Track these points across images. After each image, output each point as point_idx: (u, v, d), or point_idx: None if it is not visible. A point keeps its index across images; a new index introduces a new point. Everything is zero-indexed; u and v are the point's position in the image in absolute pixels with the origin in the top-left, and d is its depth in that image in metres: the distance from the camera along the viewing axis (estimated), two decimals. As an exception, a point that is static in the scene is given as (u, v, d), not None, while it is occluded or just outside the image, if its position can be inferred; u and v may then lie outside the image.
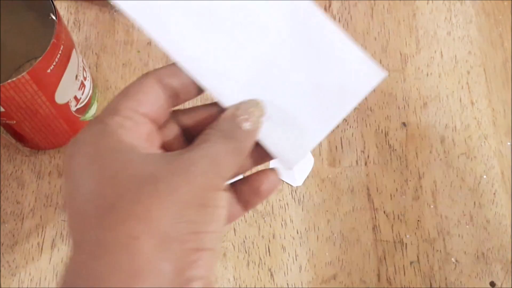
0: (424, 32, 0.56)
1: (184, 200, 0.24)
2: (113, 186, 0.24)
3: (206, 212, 0.25)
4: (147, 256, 0.23)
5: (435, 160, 0.50)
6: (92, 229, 0.24)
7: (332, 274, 0.46)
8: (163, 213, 0.24)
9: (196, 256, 0.24)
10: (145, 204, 0.24)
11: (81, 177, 0.25)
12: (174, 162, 0.25)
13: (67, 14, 0.56)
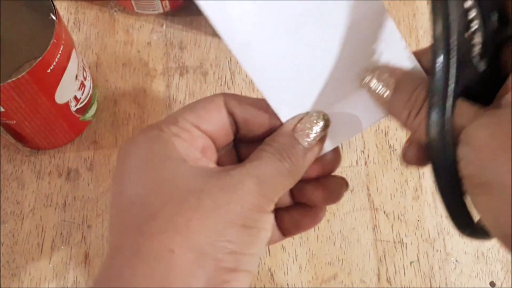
0: (424, 32, 0.56)
1: (227, 218, 0.24)
2: (158, 194, 0.24)
3: (249, 234, 0.24)
4: (180, 270, 0.23)
5: (435, 160, 0.50)
6: (131, 235, 0.24)
7: (332, 274, 0.46)
8: (203, 229, 0.23)
9: (231, 277, 0.24)
10: (185, 217, 0.23)
11: (129, 179, 0.25)
12: (222, 177, 0.25)
13: (67, 14, 0.56)
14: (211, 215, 0.24)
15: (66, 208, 0.48)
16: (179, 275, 0.23)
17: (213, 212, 0.24)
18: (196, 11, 0.56)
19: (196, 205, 0.24)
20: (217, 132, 0.27)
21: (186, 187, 0.24)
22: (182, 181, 0.24)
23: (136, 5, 0.54)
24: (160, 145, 0.25)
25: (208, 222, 0.24)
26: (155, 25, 0.55)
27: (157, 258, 0.23)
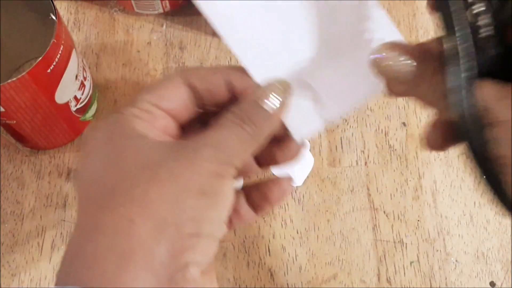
0: (424, 32, 0.56)
1: (184, 186, 0.24)
2: (117, 171, 0.25)
3: (208, 199, 0.25)
4: (141, 238, 0.23)
5: (435, 160, 0.50)
6: (92, 212, 0.25)
7: (332, 274, 0.46)
8: (160, 198, 0.24)
9: (193, 242, 0.24)
10: (142, 188, 0.24)
11: (90, 161, 0.26)
12: (179, 149, 0.25)
13: (67, 14, 0.56)
14: (167, 185, 0.24)
15: (66, 208, 0.48)
16: (140, 243, 0.23)
17: (169, 181, 0.24)
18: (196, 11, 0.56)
19: (152, 177, 0.24)
20: (178, 108, 0.28)
21: (143, 162, 0.25)
22: (139, 157, 0.25)
23: (136, 5, 0.54)
24: (119, 126, 0.26)
25: (164, 191, 0.24)
26: (155, 25, 0.55)
27: (117, 230, 0.23)
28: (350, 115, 0.52)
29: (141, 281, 0.23)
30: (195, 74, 0.28)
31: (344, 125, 0.52)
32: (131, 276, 0.23)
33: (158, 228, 0.24)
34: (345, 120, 0.52)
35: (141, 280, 0.23)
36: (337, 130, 0.51)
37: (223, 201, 0.25)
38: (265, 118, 0.27)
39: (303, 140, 0.29)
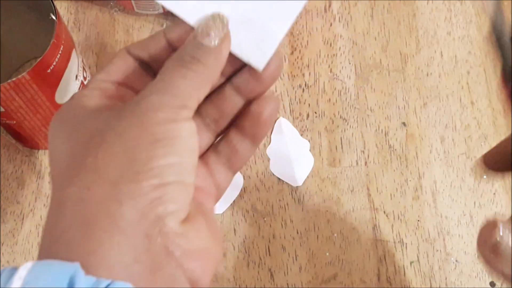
0: (424, 32, 0.56)
1: (132, 140, 0.24)
2: (71, 147, 0.25)
3: (162, 145, 0.24)
4: (100, 203, 0.23)
5: (435, 160, 0.50)
6: (56, 190, 0.25)
7: (332, 274, 0.46)
8: (112, 159, 0.24)
9: (159, 192, 0.23)
10: (93, 155, 0.24)
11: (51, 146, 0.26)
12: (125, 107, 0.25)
13: (67, 14, 0.56)
14: (115, 145, 0.24)
15: (66, 208, 0.48)
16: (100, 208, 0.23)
17: (117, 141, 0.24)
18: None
19: (100, 142, 0.24)
20: (129, 78, 0.29)
21: (92, 132, 0.25)
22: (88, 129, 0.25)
23: (136, 5, 0.54)
24: (70, 108, 0.27)
25: (115, 151, 0.24)
26: (155, 25, 0.55)
27: (75, 201, 0.23)
28: (349, 116, 0.52)
29: (108, 244, 0.22)
30: (136, 44, 0.29)
31: (344, 125, 0.52)
32: (97, 241, 0.22)
33: (115, 189, 0.23)
34: (345, 120, 0.52)
35: (108, 243, 0.22)
36: (337, 130, 0.51)
37: (181, 145, 0.25)
38: (208, 53, 0.26)
39: (263, 65, 0.29)
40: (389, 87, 0.53)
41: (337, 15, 0.56)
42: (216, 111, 0.30)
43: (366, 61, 0.54)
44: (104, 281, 0.21)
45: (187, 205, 0.25)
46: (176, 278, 0.23)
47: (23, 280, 0.21)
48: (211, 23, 0.27)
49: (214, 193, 0.30)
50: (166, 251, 0.23)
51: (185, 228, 0.24)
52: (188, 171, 0.25)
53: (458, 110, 0.53)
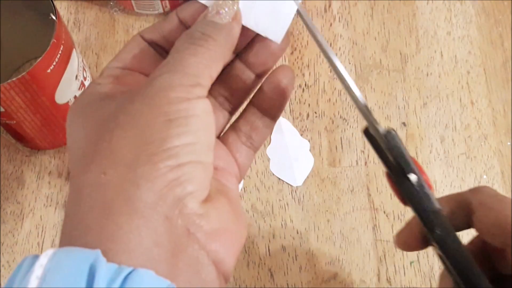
0: (424, 32, 0.56)
1: (145, 122, 0.23)
2: (86, 134, 0.25)
3: (176, 125, 0.23)
4: (117, 186, 0.23)
5: (435, 160, 0.50)
6: (74, 178, 0.24)
7: (332, 274, 0.46)
8: (126, 142, 0.23)
9: (176, 173, 0.23)
10: (107, 140, 0.24)
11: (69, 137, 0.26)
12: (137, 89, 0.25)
13: (67, 14, 0.56)
14: (128, 127, 0.23)
15: (66, 208, 0.48)
16: (117, 191, 0.23)
17: (130, 124, 0.24)
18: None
19: (113, 126, 0.24)
20: (142, 63, 0.28)
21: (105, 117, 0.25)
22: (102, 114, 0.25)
23: (136, 5, 0.54)
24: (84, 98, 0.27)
25: (128, 134, 0.23)
26: (155, 25, 0.55)
27: (93, 186, 0.23)
28: (350, 116, 0.52)
29: (127, 228, 0.22)
30: (149, 28, 0.29)
31: (344, 125, 0.52)
32: (116, 225, 0.22)
33: (131, 172, 0.23)
34: (345, 120, 0.52)
35: (126, 227, 0.22)
36: (337, 130, 0.51)
37: (196, 124, 0.24)
38: (219, 29, 0.26)
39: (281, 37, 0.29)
40: (389, 87, 0.53)
41: (337, 15, 0.56)
42: (228, 89, 0.30)
43: (366, 61, 0.54)
44: (125, 268, 0.21)
45: (206, 185, 0.24)
46: (199, 259, 0.23)
47: (44, 267, 0.20)
48: (221, 1, 0.27)
49: (236, 173, 0.29)
50: (187, 233, 0.23)
51: (205, 208, 0.24)
52: (205, 150, 0.24)
53: (458, 110, 0.53)
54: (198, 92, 0.24)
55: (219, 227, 0.24)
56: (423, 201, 0.28)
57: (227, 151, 0.30)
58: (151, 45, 0.29)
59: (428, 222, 0.28)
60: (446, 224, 0.28)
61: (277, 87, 0.29)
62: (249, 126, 0.30)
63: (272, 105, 0.30)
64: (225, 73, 0.30)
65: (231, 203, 0.26)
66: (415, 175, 0.28)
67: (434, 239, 0.28)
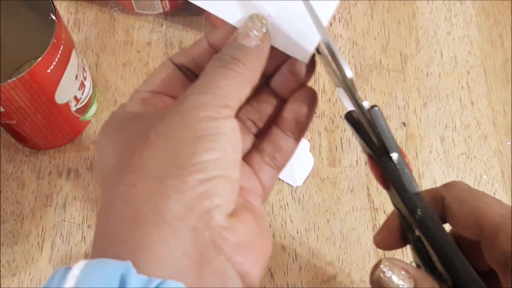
0: (424, 32, 0.56)
1: (175, 138, 0.24)
2: (117, 151, 0.26)
3: (205, 143, 0.24)
4: (146, 199, 0.23)
5: (435, 160, 0.50)
6: (105, 192, 0.25)
7: (332, 274, 0.46)
8: (155, 157, 0.24)
9: (204, 187, 0.24)
10: (137, 155, 0.25)
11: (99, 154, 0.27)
12: (168, 108, 0.26)
13: (67, 14, 0.56)
14: (159, 143, 0.24)
15: (66, 208, 0.48)
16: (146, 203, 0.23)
17: (160, 140, 0.24)
18: (196, 11, 0.56)
19: (144, 141, 0.25)
20: (171, 87, 0.29)
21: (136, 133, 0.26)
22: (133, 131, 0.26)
23: (136, 5, 0.54)
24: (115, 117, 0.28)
25: (158, 149, 0.24)
26: (155, 25, 0.55)
27: (123, 199, 0.24)
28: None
29: (156, 238, 0.23)
30: (179, 52, 0.30)
31: (344, 125, 0.52)
32: (145, 236, 0.23)
33: (161, 185, 0.23)
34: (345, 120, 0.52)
35: (156, 237, 0.23)
36: (337, 130, 0.51)
37: (224, 140, 0.25)
38: (249, 53, 0.27)
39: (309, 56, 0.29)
40: (389, 87, 0.53)
41: (337, 15, 0.56)
42: (256, 114, 0.31)
43: (366, 61, 0.54)
44: (155, 280, 0.21)
45: (232, 199, 0.25)
46: (225, 271, 0.24)
47: (76, 278, 0.21)
48: (250, 24, 0.28)
49: (260, 193, 0.30)
50: (214, 245, 0.23)
51: (231, 221, 0.24)
52: (232, 166, 0.25)
53: (458, 110, 0.53)
54: (226, 113, 0.25)
55: (244, 240, 0.24)
56: (405, 182, 0.28)
57: (251, 171, 0.30)
58: (181, 69, 0.30)
59: (410, 204, 0.28)
60: (427, 206, 0.28)
61: (300, 109, 0.30)
62: (273, 147, 0.31)
63: (295, 126, 0.30)
64: (253, 97, 0.31)
65: (256, 218, 0.26)
66: (396, 153, 0.28)
67: (416, 221, 0.27)
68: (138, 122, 0.26)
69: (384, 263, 0.27)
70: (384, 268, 0.27)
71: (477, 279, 0.26)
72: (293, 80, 0.30)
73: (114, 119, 0.28)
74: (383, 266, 0.27)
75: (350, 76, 0.27)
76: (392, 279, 0.27)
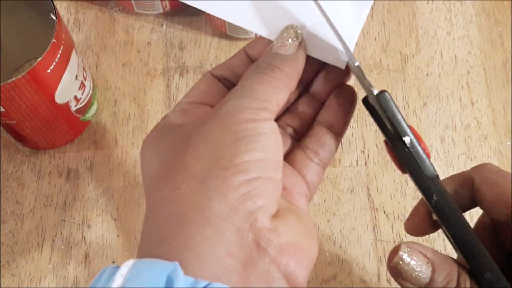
0: (424, 32, 0.56)
1: (216, 140, 0.25)
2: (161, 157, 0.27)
3: (246, 144, 0.25)
4: (190, 200, 0.24)
5: (435, 160, 0.50)
6: (150, 197, 0.26)
7: (332, 274, 0.46)
8: (198, 159, 0.25)
9: (247, 187, 0.24)
10: (180, 159, 0.25)
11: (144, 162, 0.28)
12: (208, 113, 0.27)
13: (67, 14, 0.56)
14: (200, 146, 0.25)
15: (66, 208, 0.48)
16: (190, 204, 0.24)
17: (201, 143, 0.25)
18: (196, 11, 0.56)
19: (186, 146, 0.25)
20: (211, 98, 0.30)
21: (178, 140, 0.26)
22: (175, 138, 0.27)
23: (136, 5, 0.54)
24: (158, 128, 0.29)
25: (200, 152, 0.25)
26: (155, 25, 0.55)
27: (168, 201, 0.24)
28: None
29: (199, 237, 0.23)
30: (219, 65, 0.31)
31: (344, 125, 0.52)
32: (189, 235, 0.23)
33: (203, 186, 0.24)
34: (345, 120, 0.52)
35: (199, 236, 0.23)
36: (337, 130, 0.51)
37: (264, 141, 0.25)
38: (285, 59, 0.28)
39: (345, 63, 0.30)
40: (389, 87, 0.53)
41: (337, 15, 0.56)
42: (297, 120, 0.32)
43: (366, 61, 0.54)
44: (202, 282, 0.21)
45: (275, 201, 0.25)
46: (270, 273, 0.24)
47: (124, 277, 0.21)
48: (286, 34, 0.29)
49: (305, 191, 0.30)
50: (258, 246, 0.24)
51: (275, 223, 0.24)
52: (274, 167, 0.26)
53: (458, 110, 0.53)
54: (265, 115, 0.26)
55: (288, 241, 0.24)
56: (419, 165, 0.28)
57: (294, 171, 0.31)
58: (221, 81, 0.31)
59: (425, 189, 0.28)
60: (444, 191, 0.28)
61: (341, 105, 0.31)
62: (316, 143, 0.31)
63: (337, 121, 0.31)
64: (293, 104, 0.32)
65: (300, 219, 0.26)
66: (409, 137, 0.28)
67: (432, 206, 0.27)
68: (180, 130, 0.27)
69: (403, 249, 0.27)
70: (403, 254, 0.27)
71: (493, 266, 0.26)
72: (331, 85, 0.31)
73: (157, 130, 0.29)
74: (402, 253, 0.27)
75: (356, 64, 0.28)
76: (411, 265, 0.27)
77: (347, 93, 0.31)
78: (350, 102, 0.31)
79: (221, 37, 0.55)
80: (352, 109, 0.31)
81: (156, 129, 0.29)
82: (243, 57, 0.30)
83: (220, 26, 0.53)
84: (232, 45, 0.54)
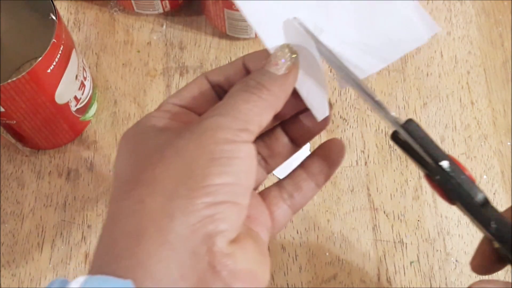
0: (424, 32, 0.56)
1: (190, 157, 0.24)
2: (133, 162, 0.26)
3: (219, 166, 0.24)
4: (152, 216, 0.23)
5: (435, 160, 0.50)
6: (113, 203, 0.25)
7: (332, 274, 0.46)
8: (168, 175, 0.24)
9: (211, 211, 0.23)
10: (150, 171, 0.24)
11: (117, 161, 0.27)
12: (188, 126, 0.26)
13: (67, 14, 0.56)
14: (173, 161, 0.24)
15: (66, 208, 0.48)
16: (151, 220, 0.23)
17: (174, 158, 0.24)
18: (196, 11, 0.57)
19: (159, 158, 0.25)
20: (200, 103, 0.29)
21: (153, 148, 0.26)
22: (151, 145, 0.26)
23: (136, 5, 0.54)
24: (138, 127, 0.28)
25: (171, 167, 0.24)
26: (155, 25, 0.55)
27: (129, 213, 0.24)
28: (349, 115, 0.52)
29: (156, 258, 0.23)
30: (215, 70, 0.30)
31: (344, 125, 0.52)
32: (146, 254, 0.23)
33: (168, 204, 0.23)
34: (345, 120, 0.52)
35: (156, 257, 0.23)
36: (337, 130, 0.51)
37: (238, 165, 0.25)
38: (273, 79, 0.27)
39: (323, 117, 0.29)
40: (389, 87, 0.53)
41: (337, 15, 0.56)
42: (267, 150, 0.31)
43: (366, 61, 0.54)
44: None
45: (238, 226, 0.25)
46: None
47: None
48: (279, 53, 0.27)
49: (269, 226, 0.30)
50: (213, 270, 0.23)
51: (233, 248, 0.24)
52: (243, 192, 0.25)
53: (458, 110, 0.53)
54: (245, 137, 0.25)
55: (243, 268, 0.24)
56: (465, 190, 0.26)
57: (263, 204, 0.31)
58: (214, 87, 0.30)
59: (480, 217, 0.26)
60: (498, 215, 0.26)
61: (328, 158, 0.31)
62: (293, 185, 0.31)
63: (321, 172, 0.31)
64: (266, 133, 0.32)
65: (258, 247, 0.26)
66: (447, 161, 0.26)
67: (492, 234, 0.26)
68: (158, 136, 0.26)
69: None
70: None
71: None
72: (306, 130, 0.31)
73: (137, 128, 0.28)
74: None
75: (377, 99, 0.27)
76: None
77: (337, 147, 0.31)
78: (336, 158, 0.31)
79: (221, 37, 0.55)
80: (337, 165, 0.31)
81: (138, 125, 0.28)
82: (240, 67, 0.30)
83: (220, 26, 0.53)
84: (232, 45, 0.54)
